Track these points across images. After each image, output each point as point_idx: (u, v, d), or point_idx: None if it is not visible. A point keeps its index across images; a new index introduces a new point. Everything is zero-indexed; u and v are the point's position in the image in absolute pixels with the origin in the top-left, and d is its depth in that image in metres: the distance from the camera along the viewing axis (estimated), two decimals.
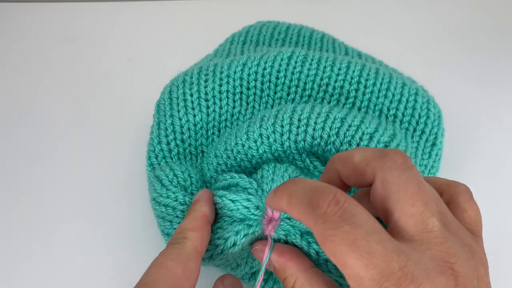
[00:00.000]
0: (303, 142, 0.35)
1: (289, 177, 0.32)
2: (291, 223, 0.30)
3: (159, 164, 0.38)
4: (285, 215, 0.31)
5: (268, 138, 0.35)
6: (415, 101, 0.40)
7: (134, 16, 0.66)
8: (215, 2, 0.67)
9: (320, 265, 0.31)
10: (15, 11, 0.66)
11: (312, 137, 0.35)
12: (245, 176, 0.33)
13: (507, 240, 0.40)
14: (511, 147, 0.47)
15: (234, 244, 0.30)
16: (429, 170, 0.38)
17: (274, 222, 0.31)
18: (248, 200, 0.30)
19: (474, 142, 0.48)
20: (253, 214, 0.30)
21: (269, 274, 0.35)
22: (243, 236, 0.30)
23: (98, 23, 0.65)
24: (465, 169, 0.45)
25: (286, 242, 0.31)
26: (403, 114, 0.39)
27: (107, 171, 0.47)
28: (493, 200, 0.43)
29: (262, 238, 0.31)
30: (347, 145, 0.34)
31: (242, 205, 0.30)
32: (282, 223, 0.31)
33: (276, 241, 0.31)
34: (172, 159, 0.38)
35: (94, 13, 0.66)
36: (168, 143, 0.39)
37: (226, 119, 0.41)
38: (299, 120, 0.35)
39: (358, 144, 0.34)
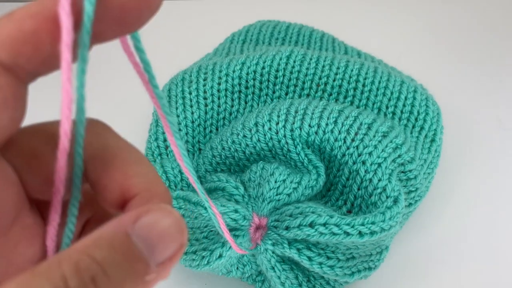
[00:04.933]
0: (299, 130, 0.34)
1: (275, 182, 0.32)
2: (278, 232, 0.30)
3: (155, 161, 0.38)
4: (272, 223, 0.30)
5: (263, 126, 0.35)
6: (414, 98, 0.40)
7: None
8: (215, 2, 0.68)
9: (314, 269, 0.31)
10: None
11: (309, 125, 0.34)
12: (232, 181, 0.33)
13: (507, 240, 0.40)
14: (510, 145, 0.47)
15: (220, 256, 0.30)
16: (428, 165, 0.38)
17: (261, 230, 0.31)
18: (236, 211, 0.30)
19: (473, 141, 0.47)
20: (240, 225, 0.30)
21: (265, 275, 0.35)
22: (229, 248, 0.30)
23: None
24: (464, 168, 0.45)
25: (273, 252, 0.31)
26: (401, 111, 0.39)
27: None
28: (493, 199, 0.42)
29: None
30: (345, 133, 0.33)
31: (230, 217, 0.30)
32: (269, 232, 0.30)
33: (264, 251, 0.31)
34: (168, 155, 0.38)
35: None
36: (164, 140, 0.39)
37: (224, 118, 0.41)
38: (296, 112, 0.35)
39: (356, 134, 0.33)
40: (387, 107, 0.39)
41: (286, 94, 0.42)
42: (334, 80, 0.41)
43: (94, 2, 0.13)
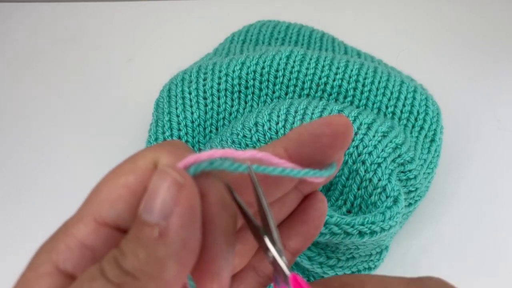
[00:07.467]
0: None
1: None
2: None
3: None
4: None
5: (263, 126, 0.35)
6: (414, 98, 0.40)
7: (134, 16, 0.66)
8: (215, 2, 0.68)
9: (314, 269, 0.30)
10: (15, 11, 0.66)
11: None
12: None
13: (506, 239, 0.40)
14: (509, 145, 0.47)
15: None
16: (428, 165, 0.38)
17: None
18: None
19: (473, 141, 0.47)
20: None
21: None
22: None
23: (98, 23, 0.65)
24: (464, 167, 0.45)
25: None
26: (401, 111, 0.39)
27: (106, 170, 0.46)
28: (492, 199, 0.42)
29: None
30: None
31: None
32: None
33: None
34: None
35: (94, 13, 0.66)
36: (164, 140, 0.39)
37: (224, 118, 0.41)
38: (296, 112, 0.35)
39: (356, 134, 0.33)
40: (387, 107, 0.39)
41: (286, 94, 0.42)
42: (334, 80, 0.41)
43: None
